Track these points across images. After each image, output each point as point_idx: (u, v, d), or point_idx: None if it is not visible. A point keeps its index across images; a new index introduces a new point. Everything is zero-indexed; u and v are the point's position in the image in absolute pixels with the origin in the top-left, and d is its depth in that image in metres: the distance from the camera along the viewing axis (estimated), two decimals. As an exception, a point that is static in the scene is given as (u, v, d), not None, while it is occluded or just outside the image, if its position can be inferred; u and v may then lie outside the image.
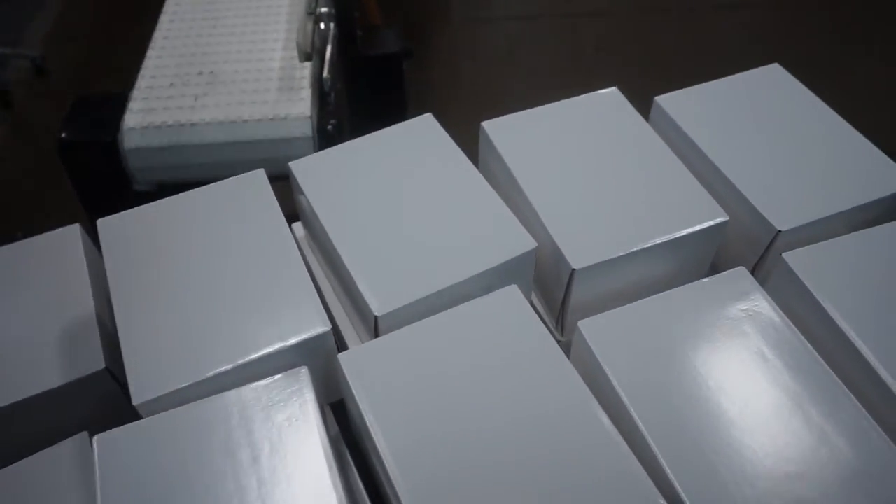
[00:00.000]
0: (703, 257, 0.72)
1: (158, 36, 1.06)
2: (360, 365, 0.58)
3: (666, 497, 0.50)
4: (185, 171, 0.95)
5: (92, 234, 0.76)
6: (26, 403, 0.62)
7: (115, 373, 0.67)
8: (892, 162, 0.73)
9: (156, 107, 0.93)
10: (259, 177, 0.73)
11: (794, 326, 0.60)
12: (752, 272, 0.73)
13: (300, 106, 0.93)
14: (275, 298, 0.62)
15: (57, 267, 0.72)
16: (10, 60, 2.32)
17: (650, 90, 0.84)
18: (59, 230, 0.75)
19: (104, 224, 0.69)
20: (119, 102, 0.96)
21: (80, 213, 1.07)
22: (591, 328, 0.60)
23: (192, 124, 0.91)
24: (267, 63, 0.99)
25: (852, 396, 0.56)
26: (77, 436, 0.62)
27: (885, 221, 0.71)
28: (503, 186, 0.74)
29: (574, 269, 0.64)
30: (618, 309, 0.62)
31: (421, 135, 0.76)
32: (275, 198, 0.71)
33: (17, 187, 1.78)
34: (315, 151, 0.95)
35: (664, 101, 0.80)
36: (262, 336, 0.60)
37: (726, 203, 0.70)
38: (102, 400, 0.69)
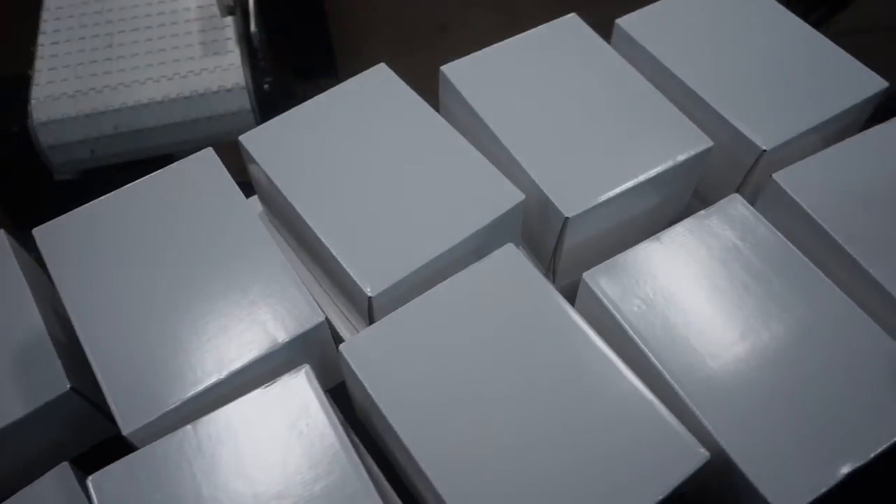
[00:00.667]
0: (689, 185, 0.70)
1: (50, 4, 0.93)
2: (364, 354, 0.54)
3: (702, 441, 0.50)
4: (110, 156, 0.86)
5: (19, 239, 0.69)
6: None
7: (81, 390, 0.61)
8: (861, 65, 0.72)
9: (66, 90, 0.82)
10: (210, 157, 0.66)
11: (797, 250, 0.59)
12: (738, 192, 0.72)
13: (232, 74, 0.84)
14: (256, 293, 0.57)
15: None
16: None
17: (605, 11, 0.80)
18: None
19: (42, 232, 0.62)
20: (20, 86, 0.84)
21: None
22: (596, 279, 0.58)
23: (114, 110, 0.80)
24: (182, 25, 0.88)
25: (866, 316, 0.56)
26: (57, 469, 0.57)
27: (861, 126, 0.71)
28: (473, 136, 0.69)
29: (567, 218, 0.61)
30: (620, 256, 0.59)
31: (379, 89, 0.70)
32: (232, 180, 0.64)
33: None
34: (255, 119, 0.88)
35: (626, 23, 0.76)
36: (251, 337, 0.55)
37: (706, 127, 0.67)
38: (73, 420, 0.63)
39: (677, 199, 0.71)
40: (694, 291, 0.57)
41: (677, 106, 0.68)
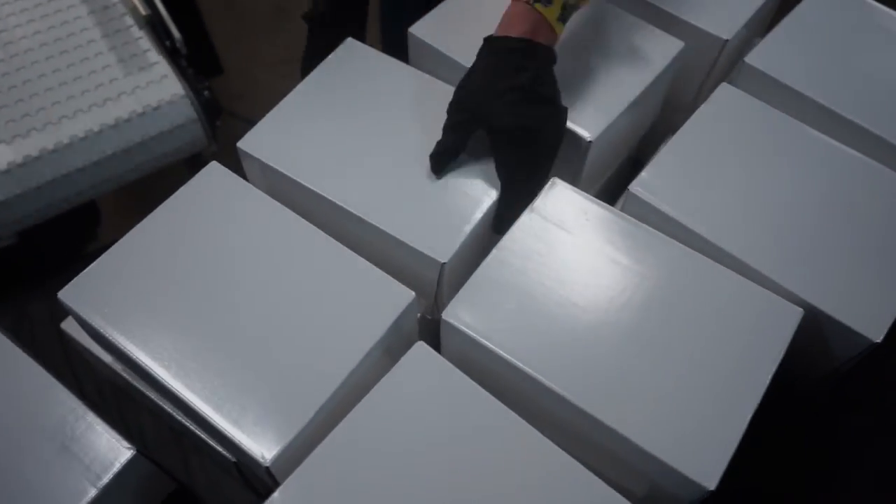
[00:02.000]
0: (663, 90, 0.75)
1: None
2: (465, 314, 0.54)
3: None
4: (53, 206, 0.76)
5: None
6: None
7: (146, 453, 0.58)
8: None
9: None
10: (217, 170, 0.62)
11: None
12: (701, 89, 0.78)
13: (168, 86, 0.76)
14: (336, 288, 0.55)
15: None
16: None
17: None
18: None
19: (70, 294, 0.55)
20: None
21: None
22: (643, 187, 0.62)
23: (50, 152, 0.71)
24: (89, 46, 0.78)
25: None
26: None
27: (779, 7, 0.78)
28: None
29: (590, 141, 0.64)
30: (655, 162, 0.63)
31: (356, 63, 0.69)
32: (251, 185, 0.61)
33: None
34: (203, 129, 0.82)
35: None
36: (354, 332, 0.53)
37: (668, 31, 0.72)
38: (143, 485, 0.59)
39: (654, 106, 0.76)
40: (728, 174, 0.63)
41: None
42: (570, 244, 0.58)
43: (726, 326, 0.54)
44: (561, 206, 0.60)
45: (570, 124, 0.64)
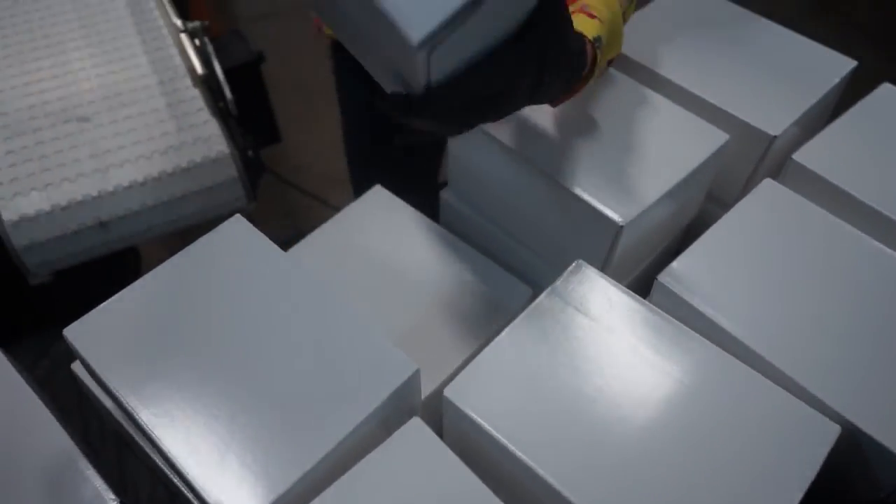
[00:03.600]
0: (705, 186, 0.73)
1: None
2: (467, 392, 0.51)
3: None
4: (90, 250, 0.78)
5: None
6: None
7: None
8: (828, 49, 0.77)
9: (35, 185, 0.74)
10: (239, 222, 0.62)
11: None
12: (747, 184, 0.75)
13: (214, 144, 0.78)
14: (337, 353, 0.53)
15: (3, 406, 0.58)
16: None
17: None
18: None
19: (76, 332, 0.55)
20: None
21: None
22: (672, 278, 0.58)
23: (94, 197, 0.73)
24: (148, 102, 0.82)
25: None
26: None
27: (840, 102, 0.76)
28: (490, 164, 0.69)
29: (622, 226, 0.62)
30: (688, 253, 0.60)
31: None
32: (270, 241, 0.61)
33: None
34: (245, 188, 0.83)
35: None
36: (349, 401, 0.51)
37: (714, 123, 0.70)
38: None
39: (698, 198, 0.73)
40: (760, 275, 0.59)
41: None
42: (589, 330, 0.55)
43: (754, 438, 0.50)
44: (583, 290, 0.57)
45: (602, 207, 0.62)
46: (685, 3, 0.83)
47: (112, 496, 0.55)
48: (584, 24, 0.59)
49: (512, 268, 0.74)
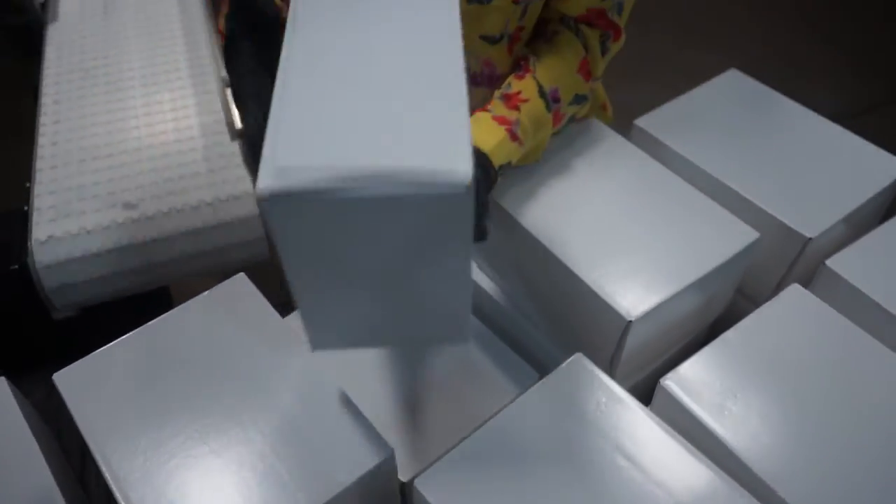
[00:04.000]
0: (734, 282, 0.69)
1: (47, 121, 0.89)
2: (438, 484, 0.49)
3: None
4: (117, 291, 0.80)
5: (17, 381, 0.63)
6: None
7: None
8: (880, 150, 0.73)
9: (71, 229, 0.77)
10: (241, 282, 0.62)
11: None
12: (779, 285, 0.71)
13: (245, 203, 0.80)
14: (318, 426, 0.52)
15: None
16: None
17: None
18: None
19: (64, 378, 0.56)
20: (20, 219, 0.79)
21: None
22: (676, 383, 0.55)
23: (135, 245, 0.76)
24: (187, 142, 0.85)
25: None
26: None
27: (888, 208, 0.71)
28: (507, 241, 0.68)
29: (630, 322, 0.58)
30: (698, 356, 0.57)
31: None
32: (269, 304, 0.60)
33: None
34: (269, 246, 0.84)
35: (645, 123, 0.77)
36: (313, 484, 0.49)
37: (745, 220, 0.67)
38: None
39: (724, 294, 0.69)
40: (772, 387, 0.54)
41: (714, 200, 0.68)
42: (574, 431, 0.51)
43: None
44: (575, 385, 0.54)
45: (611, 299, 0.59)
46: (728, 88, 0.81)
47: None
48: (502, 146, 0.60)
49: (523, 348, 0.71)
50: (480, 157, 0.58)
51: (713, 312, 0.71)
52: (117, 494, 0.50)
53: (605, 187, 0.68)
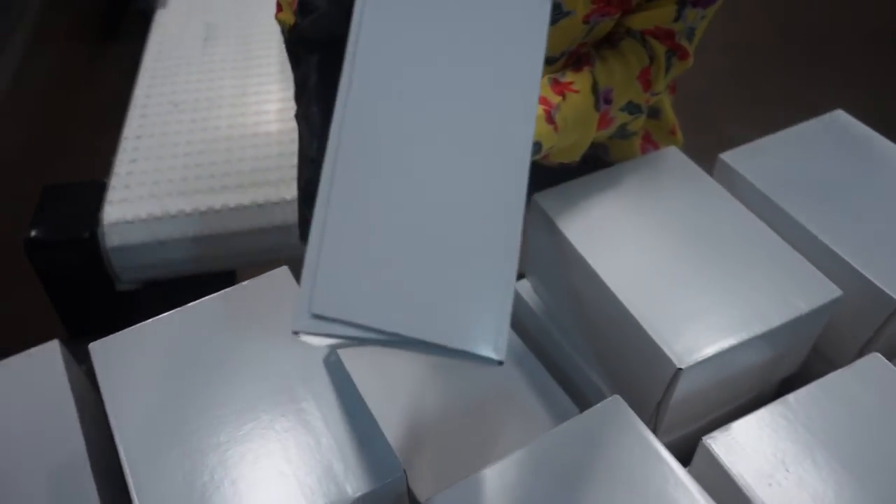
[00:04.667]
0: (808, 340, 0.63)
1: (135, 114, 0.93)
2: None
3: None
4: (177, 265, 0.82)
5: (70, 346, 0.64)
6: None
7: None
8: None
9: (141, 195, 0.80)
10: (283, 275, 0.61)
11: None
12: (863, 349, 0.64)
13: None
14: (330, 436, 0.50)
15: (38, 395, 0.59)
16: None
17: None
18: (35, 350, 0.63)
19: (99, 348, 0.57)
20: (95, 192, 0.83)
21: (55, 321, 0.92)
22: (720, 443, 0.50)
23: (186, 214, 0.78)
24: (263, 139, 0.87)
25: None
26: None
27: None
28: (565, 268, 0.64)
29: (679, 369, 0.54)
30: (741, 421, 0.51)
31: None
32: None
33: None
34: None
35: (731, 158, 0.71)
36: (319, 488, 0.47)
37: (831, 274, 0.61)
38: None
39: (796, 352, 0.63)
40: (829, 464, 0.48)
41: (795, 249, 0.62)
42: (598, 479, 0.47)
43: None
44: (608, 430, 0.50)
45: (662, 343, 0.55)
46: (831, 130, 0.74)
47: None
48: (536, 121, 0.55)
49: (566, 376, 0.67)
50: None
51: (782, 371, 0.65)
52: (126, 469, 0.50)
53: (675, 222, 0.64)
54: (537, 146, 0.57)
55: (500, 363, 0.35)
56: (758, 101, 1.99)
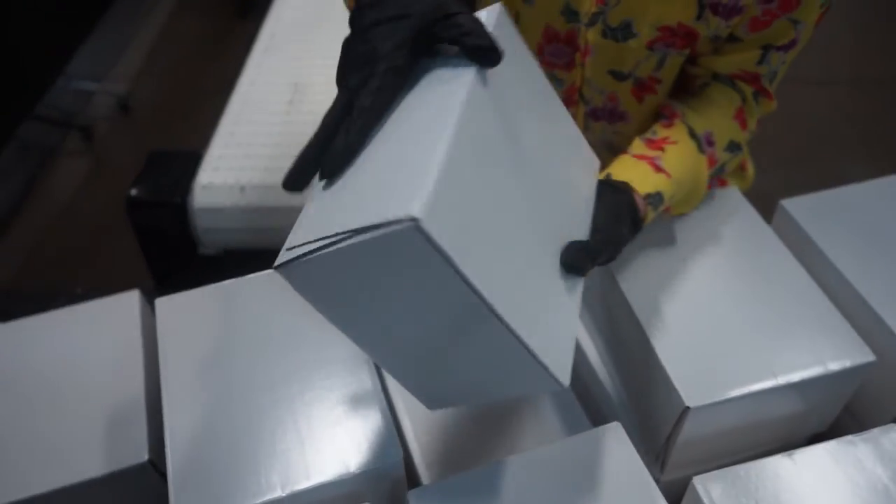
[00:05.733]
0: (839, 398, 0.61)
1: (240, 90, 1.01)
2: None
3: None
4: (256, 234, 0.90)
5: (153, 296, 0.71)
6: (66, 491, 0.57)
7: (157, 464, 0.61)
8: None
9: (232, 166, 0.88)
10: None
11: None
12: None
13: None
14: (342, 413, 0.55)
15: (110, 340, 0.67)
16: (96, 96, 2.36)
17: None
18: (116, 297, 0.70)
19: (163, 304, 0.64)
20: (194, 161, 0.91)
21: (145, 271, 1.02)
22: (708, 486, 0.50)
23: (267, 186, 0.85)
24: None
25: None
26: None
27: None
28: (601, 286, 0.66)
29: (688, 408, 0.55)
30: (741, 467, 0.52)
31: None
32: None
33: (85, 231, 1.77)
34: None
35: (792, 206, 0.70)
36: (323, 460, 0.52)
37: (871, 337, 0.59)
38: (144, 491, 0.63)
39: (823, 410, 0.62)
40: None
41: (838, 307, 0.61)
42: (584, 493, 0.49)
43: None
44: (599, 453, 0.52)
45: (676, 379, 0.56)
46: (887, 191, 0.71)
47: (145, 454, 0.61)
48: (644, 175, 0.57)
49: (589, 397, 0.69)
50: (619, 187, 0.55)
51: (810, 427, 0.64)
52: (164, 408, 0.56)
53: (719, 265, 0.64)
54: (658, 197, 0.57)
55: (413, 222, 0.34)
56: (879, 140, 1.88)
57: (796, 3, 0.57)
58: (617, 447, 0.52)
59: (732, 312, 0.60)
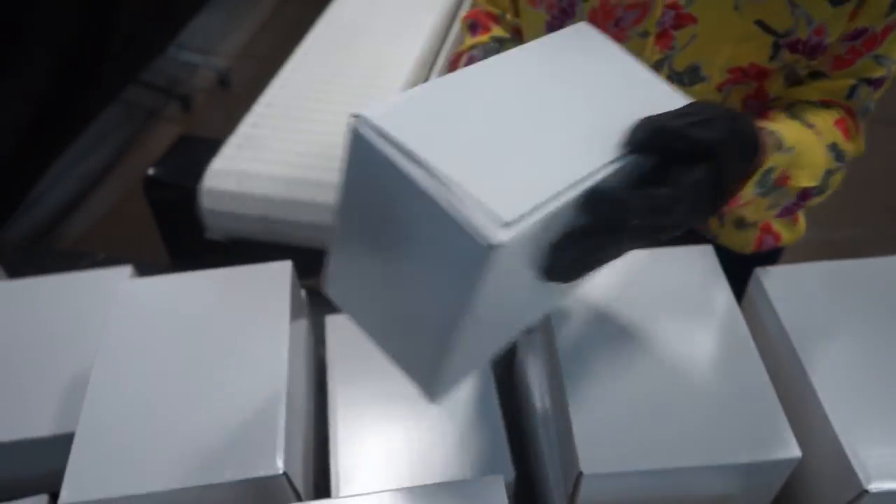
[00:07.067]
0: (762, 490, 0.57)
1: (276, 84, 1.06)
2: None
3: None
4: (260, 224, 0.93)
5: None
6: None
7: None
8: None
9: (248, 156, 0.92)
10: (285, 268, 0.68)
11: None
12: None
13: None
14: (241, 417, 0.57)
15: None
16: (199, 69, 2.50)
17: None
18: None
19: (125, 290, 0.68)
20: (217, 148, 0.96)
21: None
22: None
23: (277, 177, 0.88)
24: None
25: None
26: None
27: None
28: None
29: (581, 473, 0.53)
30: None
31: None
32: (290, 293, 0.66)
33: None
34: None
35: (766, 275, 0.66)
36: (207, 462, 0.54)
37: (812, 435, 0.55)
38: None
39: (748, 498, 0.58)
40: None
41: (788, 393, 0.57)
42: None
43: None
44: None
45: (579, 443, 0.54)
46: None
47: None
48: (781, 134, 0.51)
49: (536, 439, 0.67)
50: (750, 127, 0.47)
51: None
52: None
53: (668, 335, 0.61)
54: (776, 136, 0.50)
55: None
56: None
57: (882, 39, 0.54)
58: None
59: (665, 386, 0.57)
